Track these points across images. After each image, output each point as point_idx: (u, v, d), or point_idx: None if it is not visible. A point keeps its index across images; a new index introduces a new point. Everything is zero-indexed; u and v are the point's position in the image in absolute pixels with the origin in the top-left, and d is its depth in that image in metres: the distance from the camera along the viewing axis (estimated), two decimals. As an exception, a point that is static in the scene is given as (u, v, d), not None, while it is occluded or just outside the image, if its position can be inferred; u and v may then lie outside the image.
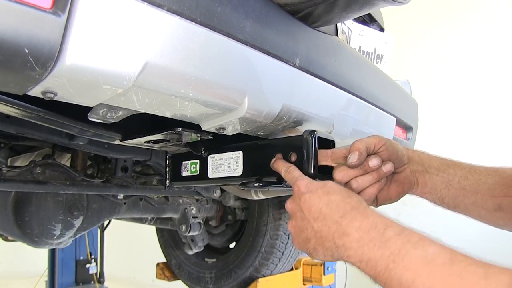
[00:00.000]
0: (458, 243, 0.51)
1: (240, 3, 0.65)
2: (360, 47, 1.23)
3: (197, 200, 1.79)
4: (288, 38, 0.76)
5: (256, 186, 0.85)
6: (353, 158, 0.72)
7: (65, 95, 0.55)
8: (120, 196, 1.49)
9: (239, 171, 0.90)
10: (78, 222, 1.37)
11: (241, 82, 0.69)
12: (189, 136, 0.89)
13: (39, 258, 4.24)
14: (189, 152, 1.01)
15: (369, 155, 0.75)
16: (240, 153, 0.90)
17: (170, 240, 2.19)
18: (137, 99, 0.60)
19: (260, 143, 0.88)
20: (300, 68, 0.80)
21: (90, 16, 0.47)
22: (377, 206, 0.80)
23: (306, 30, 0.81)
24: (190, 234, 1.72)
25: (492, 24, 3.42)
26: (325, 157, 0.78)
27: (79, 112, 0.72)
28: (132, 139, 0.92)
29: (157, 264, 2.28)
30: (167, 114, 0.70)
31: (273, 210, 1.84)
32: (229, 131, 0.81)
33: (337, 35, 1.09)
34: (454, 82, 3.50)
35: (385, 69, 1.28)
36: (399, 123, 1.31)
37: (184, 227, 1.70)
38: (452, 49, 3.56)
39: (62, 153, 1.46)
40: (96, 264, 3.52)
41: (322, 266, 2.06)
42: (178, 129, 0.83)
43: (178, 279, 2.19)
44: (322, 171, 0.77)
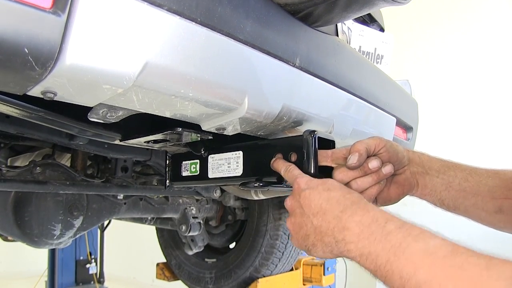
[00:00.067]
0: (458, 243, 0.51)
1: (240, 3, 0.65)
2: (360, 47, 1.22)
3: (197, 200, 1.79)
4: (288, 38, 0.76)
5: (256, 186, 0.85)
6: (353, 159, 0.72)
7: (65, 95, 0.55)
8: (120, 196, 1.49)
9: (239, 171, 0.90)
10: (78, 222, 1.37)
11: (241, 82, 0.69)
12: (189, 136, 0.89)
13: (39, 258, 4.24)
14: (189, 152, 1.01)
15: (369, 156, 0.75)
16: (240, 153, 0.90)
17: (170, 240, 2.19)
18: (137, 99, 0.60)
19: (260, 143, 0.88)
20: (300, 68, 0.80)
21: (90, 16, 0.47)
22: None
23: (306, 30, 0.81)
24: (190, 234, 1.72)
25: (492, 24, 3.42)
26: (325, 157, 0.78)
27: (79, 112, 0.72)
28: (132, 139, 0.92)
29: (157, 264, 2.28)
30: (167, 114, 0.70)
31: (273, 210, 1.84)
32: (229, 131, 0.81)
33: (337, 35, 1.09)
34: (454, 82, 3.50)
35: (385, 69, 1.28)
36: (399, 123, 1.31)
37: (184, 227, 1.70)
38: (452, 49, 3.56)
39: (62, 153, 1.46)
40: (96, 264, 3.52)
41: (322, 266, 2.05)
42: (178, 129, 0.83)
43: (178, 279, 2.19)
44: (322, 171, 0.77)
